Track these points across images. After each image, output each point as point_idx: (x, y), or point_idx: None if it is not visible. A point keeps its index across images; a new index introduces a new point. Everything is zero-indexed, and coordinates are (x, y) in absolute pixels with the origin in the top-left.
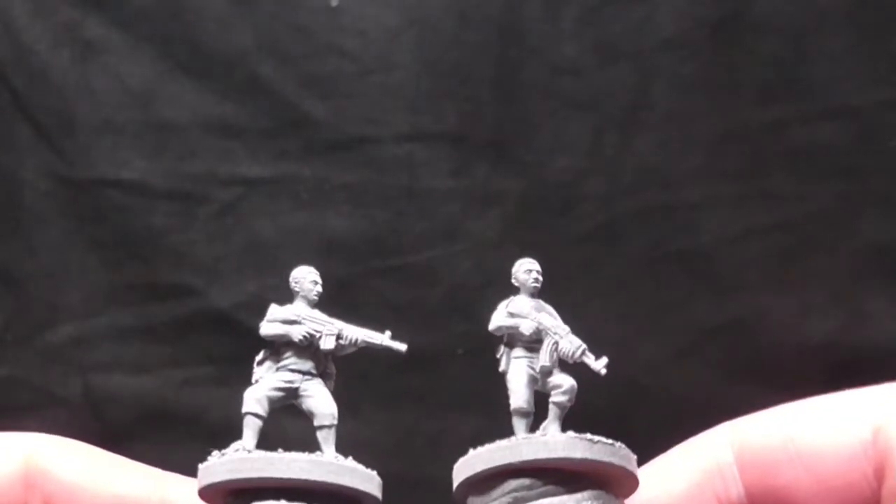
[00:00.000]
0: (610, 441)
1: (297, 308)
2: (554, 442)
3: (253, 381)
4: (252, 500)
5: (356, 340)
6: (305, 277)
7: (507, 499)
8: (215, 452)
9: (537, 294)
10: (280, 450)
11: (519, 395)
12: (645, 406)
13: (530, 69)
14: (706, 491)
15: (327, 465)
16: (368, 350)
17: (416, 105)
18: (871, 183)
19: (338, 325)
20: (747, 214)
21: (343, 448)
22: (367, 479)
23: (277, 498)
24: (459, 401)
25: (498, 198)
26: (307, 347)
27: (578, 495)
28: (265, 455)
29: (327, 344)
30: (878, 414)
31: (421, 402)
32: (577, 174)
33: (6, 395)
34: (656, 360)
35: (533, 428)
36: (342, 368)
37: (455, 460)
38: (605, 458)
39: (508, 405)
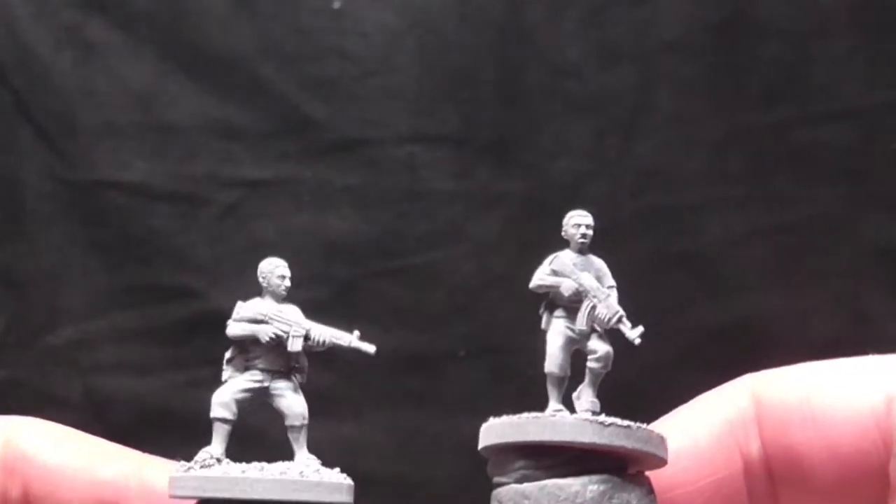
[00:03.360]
0: (626, 423)
1: (265, 305)
2: (562, 423)
3: (223, 379)
4: None
5: (324, 342)
6: (273, 272)
7: (516, 475)
8: (182, 463)
9: (586, 249)
10: (252, 463)
11: (552, 358)
12: (646, 408)
13: (532, 71)
14: (730, 442)
15: (291, 483)
16: (339, 350)
17: (418, 107)
18: (873, 185)
19: (305, 324)
20: (749, 216)
21: (343, 448)
22: (333, 490)
23: None
24: (461, 402)
25: (499, 200)
26: (276, 346)
27: (585, 478)
28: (228, 476)
29: (295, 346)
30: (893, 384)
31: (422, 404)
32: (578, 176)
33: (7, 396)
34: (658, 362)
35: (571, 389)
36: (342, 369)
37: (455, 461)
38: (617, 443)
39: (509, 406)
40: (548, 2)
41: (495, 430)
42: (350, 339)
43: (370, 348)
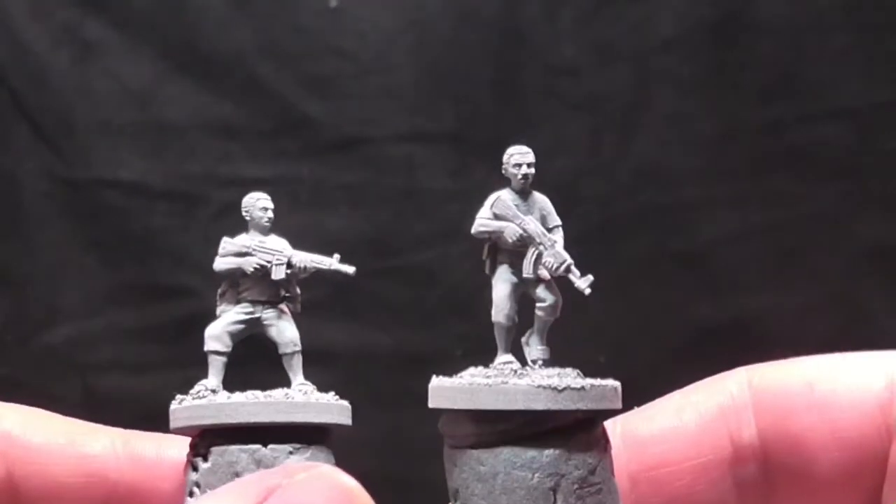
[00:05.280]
0: (579, 384)
1: (249, 238)
2: (514, 391)
3: (217, 313)
4: (211, 445)
5: (305, 267)
6: (255, 205)
7: (469, 440)
8: (178, 396)
9: (528, 188)
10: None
11: (499, 308)
12: (642, 405)
13: (529, 70)
14: (720, 427)
15: (275, 405)
16: (322, 275)
17: (415, 106)
18: (870, 183)
19: (287, 252)
20: (746, 215)
21: (343, 448)
22: (322, 410)
23: (233, 441)
24: None
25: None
26: (263, 277)
27: (541, 443)
28: (215, 402)
29: (278, 274)
30: None
31: (421, 403)
32: (575, 174)
33: (4, 395)
34: (655, 360)
35: (520, 334)
36: (342, 369)
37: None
38: (572, 406)
39: None
40: (544, 1)
41: (445, 394)
42: (331, 262)
43: (349, 269)
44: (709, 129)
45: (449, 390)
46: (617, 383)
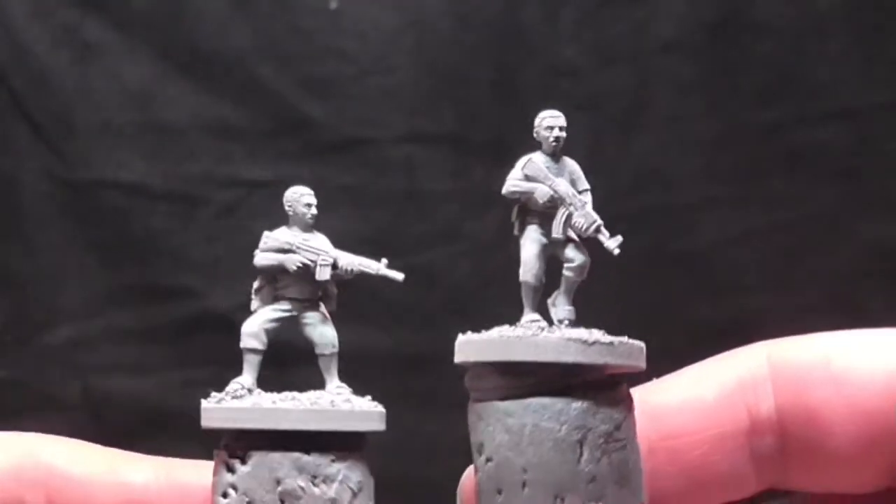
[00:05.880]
0: (608, 340)
1: (292, 234)
2: (545, 344)
3: (252, 309)
4: (250, 447)
5: (352, 270)
6: (299, 200)
7: (497, 393)
8: (214, 394)
9: (559, 152)
10: (284, 393)
11: (527, 267)
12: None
13: (529, 71)
14: (738, 400)
15: (323, 413)
16: (365, 280)
17: (415, 106)
18: (870, 184)
19: (333, 253)
20: (746, 215)
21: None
22: (365, 419)
23: (272, 444)
24: (459, 402)
25: (497, 199)
26: (303, 275)
27: (570, 396)
28: (260, 406)
29: (323, 275)
30: None
31: (421, 404)
32: None
33: (5, 396)
34: (654, 361)
35: (546, 295)
36: (341, 369)
37: (455, 462)
38: (601, 360)
39: None
40: (544, 1)
41: (474, 347)
42: (378, 266)
43: (398, 276)
44: (709, 130)
45: (477, 343)
46: (642, 344)
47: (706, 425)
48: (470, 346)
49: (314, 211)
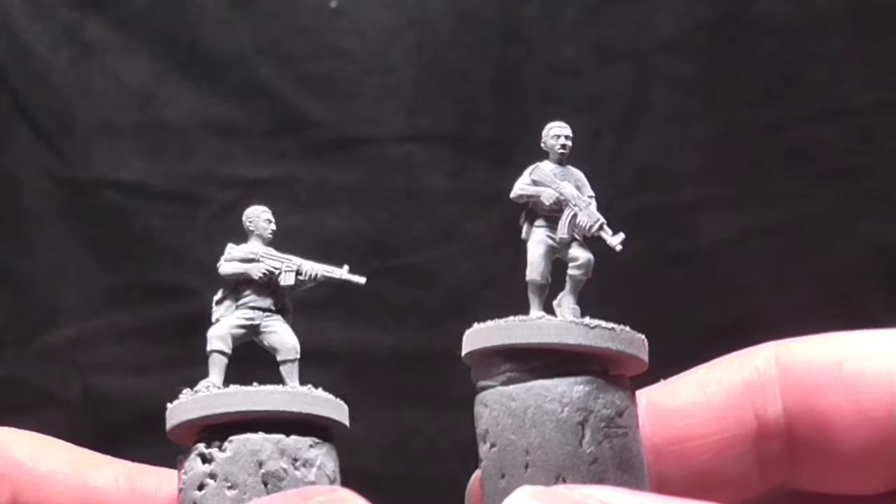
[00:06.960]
0: (610, 325)
1: (254, 246)
2: (548, 326)
3: (213, 320)
4: (227, 436)
5: (315, 275)
6: (259, 217)
7: (502, 377)
8: (186, 390)
9: (565, 160)
10: (255, 383)
11: (534, 266)
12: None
13: (529, 70)
14: (745, 403)
15: (303, 395)
16: (330, 283)
17: (415, 106)
18: (870, 183)
19: (296, 261)
20: (746, 215)
21: (342, 448)
22: (338, 409)
23: (254, 430)
24: (458, 402)
25: (497, 199)
26: (266, 284)
27: (571, 379)
28: (241, 389)
29: (287, 280)
30: None
31: (420, 403)
32: None
33: (5, 395)
34: (654, 361)
35: (550, 298)
36: (341, 369)
37: (454, 461)
38: (602, 344)
39: None
40: (544, 1)
41: (481, 334)
42: (341, 272)
43: (360, 279)
44: (708, 130)
45: (484, 330)
46: (643, 336)
47: (714, 429)
48: (476, 335)
49: (273, 227)
